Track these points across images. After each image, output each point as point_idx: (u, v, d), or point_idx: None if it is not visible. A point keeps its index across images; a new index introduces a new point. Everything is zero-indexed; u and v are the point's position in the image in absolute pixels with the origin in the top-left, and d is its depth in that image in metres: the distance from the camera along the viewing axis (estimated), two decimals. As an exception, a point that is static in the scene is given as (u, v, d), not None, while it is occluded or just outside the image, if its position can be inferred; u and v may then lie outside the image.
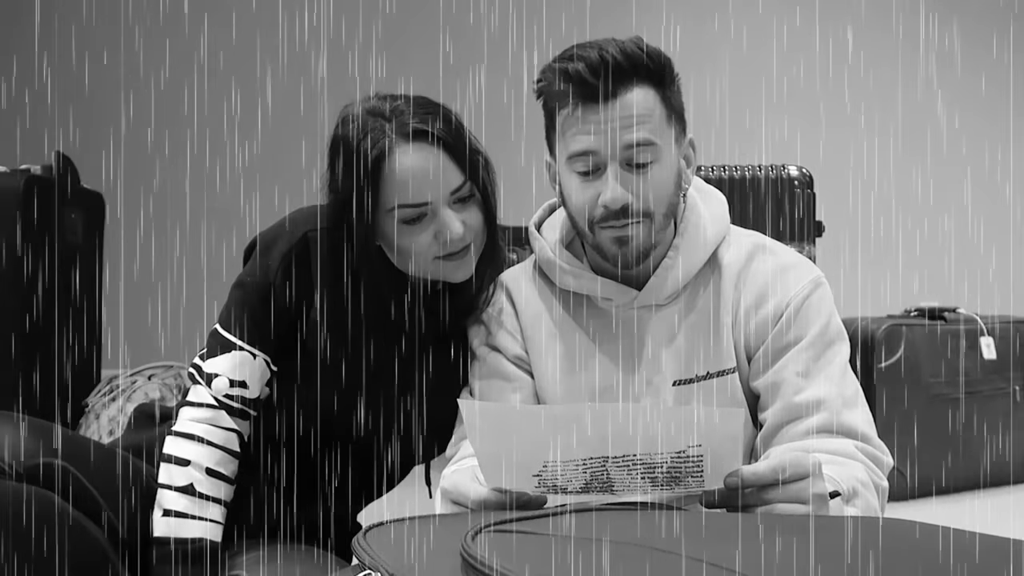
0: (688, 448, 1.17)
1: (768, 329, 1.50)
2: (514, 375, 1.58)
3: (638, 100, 1.43)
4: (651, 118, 1.44)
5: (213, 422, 1.57)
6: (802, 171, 2.50)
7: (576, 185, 1.47)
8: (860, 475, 1.38)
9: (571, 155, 1.45)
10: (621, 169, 1.44)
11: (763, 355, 1.50)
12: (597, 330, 1.56)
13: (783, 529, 1.06)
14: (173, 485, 1.53)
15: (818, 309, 1.50)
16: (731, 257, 1.55)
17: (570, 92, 1.43)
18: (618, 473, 1.19)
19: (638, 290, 1.54)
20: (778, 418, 1.46)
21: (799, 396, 1.45)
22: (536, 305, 1.60)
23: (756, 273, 1.53)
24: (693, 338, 1.52)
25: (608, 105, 1.42)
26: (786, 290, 1.51)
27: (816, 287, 1.52)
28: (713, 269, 1.55)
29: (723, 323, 1.51)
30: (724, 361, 1.51)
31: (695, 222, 1.54)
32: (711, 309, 1.53)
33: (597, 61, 1.41)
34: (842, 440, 1.42)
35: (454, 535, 1.00)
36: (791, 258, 1.55)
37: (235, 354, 1.57)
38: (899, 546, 1.01)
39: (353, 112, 1.54)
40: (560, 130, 1.46)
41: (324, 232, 1.58)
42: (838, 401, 1.45)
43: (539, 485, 1.21)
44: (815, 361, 1.47)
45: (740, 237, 1.58)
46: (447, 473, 1.45)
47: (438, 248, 1.53)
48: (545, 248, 1.59)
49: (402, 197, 1.50)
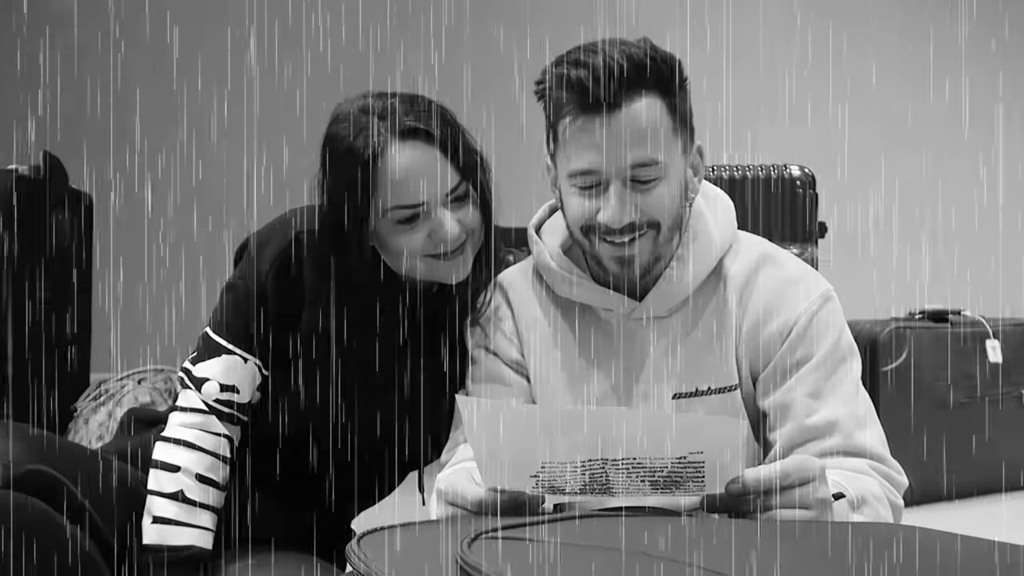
0: (689, 455, 1.17)
1: (775, 347, 1.47)
2: (510, 379, 1.57)
3: (644, 113, 1.37)
4: (657, 133, 1.38)
5: (203, 427, 1.56)
6: (804, 171, 2.50)
7: (575, 198, 1.43)
8: (873, 489, 1.37)
9: (571, 172, 1.41)
10: (623, 187, 1.39)
11: (771, 374, 1.47)
12: (596, 340, 1.54)
13: (785, 535, 1.06)
14: (163, 491, 1.53)
15: (828, 325, 1.47)
16: (736, 268, 1.51)
17: (572, 101, 1.37)
18: (617, 476, 1.19)
19: (639, 300, 1.51)
20: (789, 440, 1.43)
21: (811, 418, 1.42)
22: (534, 309, 1.58)
23: (762, 287, 1.49)
24: (695, 352, 1.49)
25: (612, 118, 1.36)
26: (794, 306, 1.47)
27: (825, 302, 1.48)
28: (718, 281, 1.51)
29: (727, 338, 1.49)
30: (727, 378, 1.48)
31: (701, 231, 1.51)
32: (714, 323, 1.49)
33: (603, 68, 1.35)
34: (855, 460, 1.41)
35: (450, 541, 1.00)
36: (799, 271, 1.51)
37: (226, 358, 1.57)
38: (904, 552, 1.01)
39: (345, 110, 1.53)
40: (560, 141, 1.41)
41: (317, 233, 1.58)
42: (851, 422, 1.42)
43: (537, 485, 1.22)
44: (826, 380, 1.44)
45: (747, 247, 1.54)
46: (443, 475, 1.44)
47: (433, 249, 1.52)
48: (544, 253, 1.57)
49: (396, 198, 1.49)
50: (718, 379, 1.49)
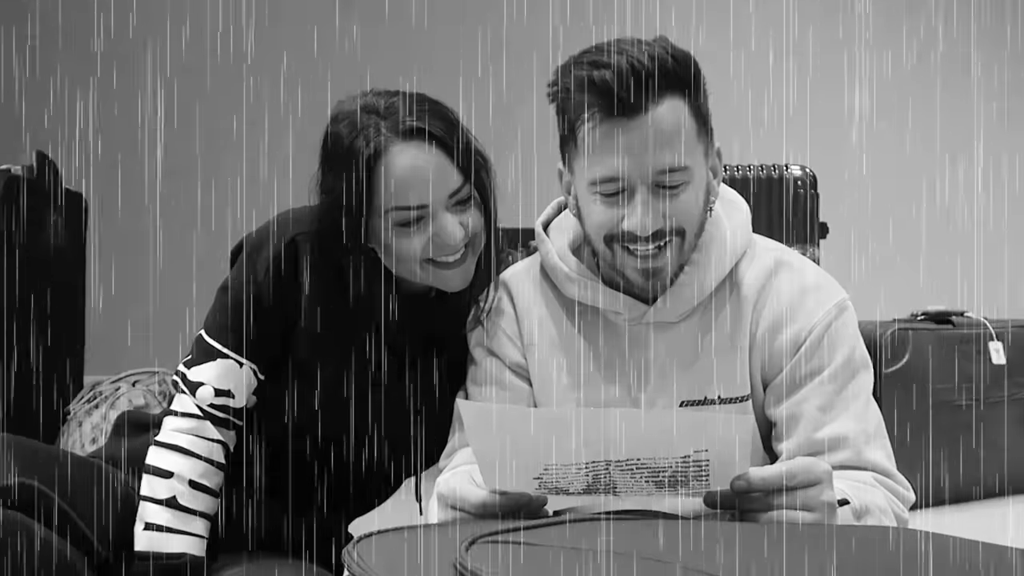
0: (694, 453, 1.16)
1: (788, 356, 1.45)
2: (511, 383, 1.55)
3: (670, 116, 1.34)
4: (684, 136, 1.35)
5: (197, 433, 1.55)
6: (805, 171, 2.50)
7: (597, 206, 1.39)
8: (879, 501, 1.36)
9: (593, 179, 1.37)
10: (650, 193, 1.36)
11: (781, 384, 1.45)
12: (604, 344, 1.51)
13: (788, 538, 1.06)
14: (155, 498, 1.52)
15: (842, 336, 1.44)
16: (751, 275, 1.48)
17: (594, 104, 1.33)
18: (621, 476, 1.19)
19: (649, 304, 1.48)
20: (796, 453, 1.40)
21: (820, 432, 1.41)
22: (539, 310, 1.55)
23: (776, 294, 1.47)
24: (705, 359, 1.47)
25: (637, 122, 1.32)
26: (808, 315, 1.45)
27: (840, 312, 1.46)
28: (732, 287, 1.48)
29: (739, 346, 1.46)
30: (738, 387, 1.46)
31: (717, 236, 1.48)
32: (727, 330, 1.47)
33: (626, 69, 1.30)
34: (861, 472, 1.40)
35: (447, 545, 1.01)
36: (814, 278, 1.49)
37: (221, 362, 1.56)
38: (907, 556, 1.00)
39: (346, 108, 1.51)
40: (581, 147, 1.37)
41: (314, 235, 1.56)
42: (861, 438, 1.41)
43: (540, 487, 1.22)
44: (838, 394, 1.42)
45: (763, 252, 1.51)
46: (443, 479, 1.43)
47: (435, 253, 1.51)
48: (551, 253, 1.54)
49: (397, 199, 1.48)
50: (729, 388, 1.46)
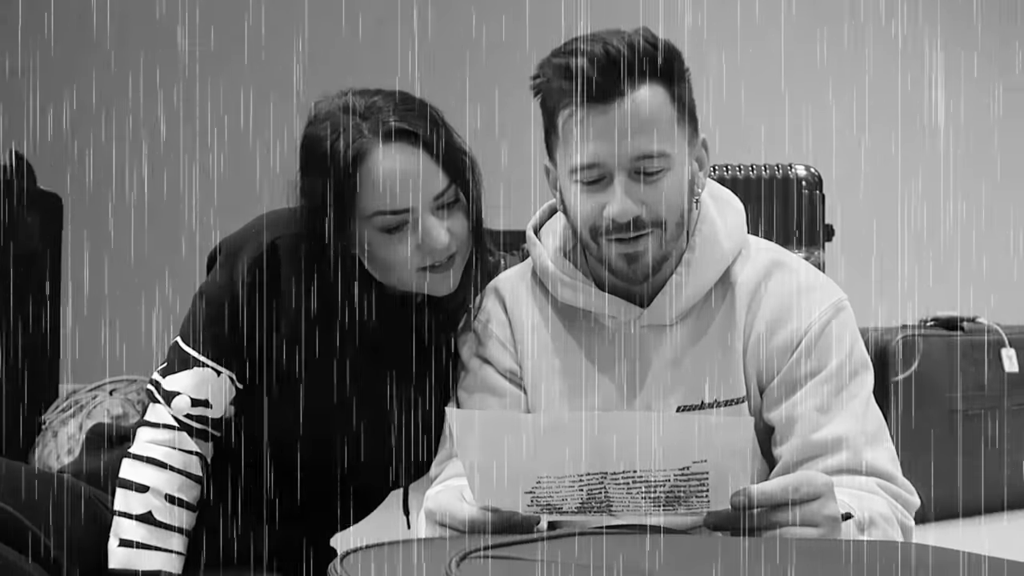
0: (692, 464, 1.16)
1: (784, 358, 1.46)
2: (505, 390, 1.56)
3: (648, 101, 1.38)
4: (662, 122, 1.39)
5: (173, 444, 1.54)
6: (810, 171, 2.50)
7: (579, 195, 1.42)
8: (882, 509, 1.36)
9: (574, 167, 1.41)
10: (629, 179, 1.40)
11: (778, 386, 1.47)
12: (598, 348, 1.52)
13: (790, 555, 1.05)
14: (130, 513, 1.51)
15: (840, 337, 1.46)
16: (746, 275, 1.51)
17: (572, 91, 1.38)
18: (617, 492, 1.19)
19: (643, 307, 1.50)
20: (794, 456, 1.42)
21: (818, 433, 1.42)
22: (532, 316, 1.57)
23: (771, 295, 1.49)
24: (701, 362, 1.49)
25: (615, 107, 1.37)
26: (804, 315, 1.47)
27: (838, 312, 1.48)
28: (726, 288, 1.51)
29: (734, 348, 1.48)
30: (734, 390, 1.48)
31: (708, 235, 1.50)
32: (722, 332, 1.49)
33: (603, 56, 1.36)
34: (863, 478, 1.40)
35: (436, 561, 1.01)
36: (811, 278, 1.51)
37: (197, 371, 1.55)
38: (917, 573, 1.00)
39: (324, 109, 1.51)
40: (561, 135, 1.42)
41: (295, 238, 1.56)
42: (860, 439, 1.42)
43: (532, 503, 1.21)
44: (836, 395, 1.44)
45: (757, 252, 1.54)
46: (431, 493, 1.43)
47: (420, 259, 1.50)
48: (543, 256, 1.55)
49: (380, 203, 1.48)
50: (724, 391, 1.48)
